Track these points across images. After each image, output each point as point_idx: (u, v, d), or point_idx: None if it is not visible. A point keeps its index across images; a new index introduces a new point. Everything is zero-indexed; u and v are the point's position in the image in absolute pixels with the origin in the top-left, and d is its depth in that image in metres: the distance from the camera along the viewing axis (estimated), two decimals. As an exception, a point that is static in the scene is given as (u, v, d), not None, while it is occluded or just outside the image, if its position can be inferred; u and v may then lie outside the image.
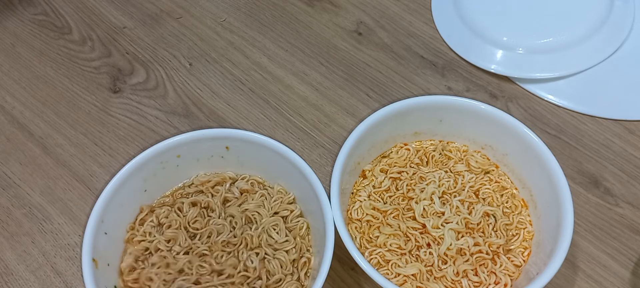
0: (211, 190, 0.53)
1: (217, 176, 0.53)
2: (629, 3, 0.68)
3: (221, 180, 0.53)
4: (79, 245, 0.55)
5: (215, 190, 0.53)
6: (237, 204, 0.52)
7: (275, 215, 0.51)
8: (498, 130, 0.53)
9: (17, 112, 0.64)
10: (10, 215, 0.56)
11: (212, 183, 0.53)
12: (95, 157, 0.60)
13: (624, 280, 0.52)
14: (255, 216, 0.51)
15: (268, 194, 0.52)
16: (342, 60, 0.68)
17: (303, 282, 0.47)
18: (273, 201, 0.52)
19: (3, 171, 0.59)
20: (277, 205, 0.51)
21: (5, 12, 0.73)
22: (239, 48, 0.69)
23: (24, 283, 0.53)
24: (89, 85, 0.66)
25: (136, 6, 0.73)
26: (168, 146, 0.51)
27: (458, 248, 0.49)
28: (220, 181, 0.53)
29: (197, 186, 0.53)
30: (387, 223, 0.51)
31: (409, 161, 0.55)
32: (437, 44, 0.69)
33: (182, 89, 0.66)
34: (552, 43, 0.65)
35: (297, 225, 0.50)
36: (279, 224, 0.50)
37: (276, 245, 0.49)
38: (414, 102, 0.53)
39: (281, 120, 0.63)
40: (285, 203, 0.52)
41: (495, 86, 0.65)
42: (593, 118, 0.62)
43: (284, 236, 0.50)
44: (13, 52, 0.69)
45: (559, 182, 0.48)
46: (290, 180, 0.51)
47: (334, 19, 0.72)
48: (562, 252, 0.44)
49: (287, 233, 0.50)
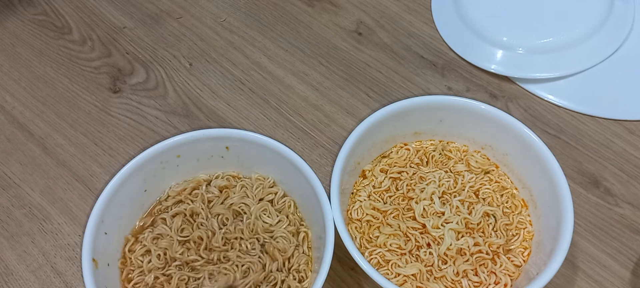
0: (189, 196, 0.52)
1: (192, 182, 0.53)
2: (629, 3, 0.68)
3: (196, 184, 0.53)
4: (79, 245, 0.55)
5: (194, 195, 0.52)
6: (219, 202, 0.52)
7: (260, 202, 0.51)
8: (498, 130, 0.53)
9: (17, 112, 0.64)
10: (10, 215, 0.56)
11: (188, 190, 0.52)
12: (95, 157, 0.60)
13: (624, 280, 0.52)
14: (243, 207, 0.51)
15: (248, 184, 0.52)
16: (342, 60, 0.68)
17: (308, 254, 0.49)
18: (255, 189, 0.52)
19: (3, 171, 0.59)
20: (260, 192, 0.52)
21: (5, 12, 0.73)
22: (239, 48, 0.69)
23: (24, 283, 0.53)
24: (89, 85, 0.66)
25: (136, 6, 0.73)
26: (168, 146, 0.51)
27: (458, 248, 0.49)
28: (196, 185, 0.53)
29: (174, 197, 0.52)
30: (387, 223, 0.51)
31: (409, 161, 0.55)
32: (437, 44, 0.69)
33: (182, 89, 0.66)
34: (552, 43, 0.65)
35: (285, 205, 0.51)
36: (267, 208, 0.51)
37: (272, 227, 0.50)
38: (414, 102, 0.53)
39: (281, 120, 0.63)
40: (267, 188, 0.52)
41: (495, 86, 0.65)
42: (593, 118, 0.62)
43: (276, 217, 0.50)
44: (13, 52, 0.69)
45: (559, 182, 0.48)
46: (291, 180, 0.51)
47: (334, 19, 0.72)
48: (562, 252, 0.44)
49: (278, 214, 0.51)
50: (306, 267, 0.48)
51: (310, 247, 0.49)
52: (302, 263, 0.48)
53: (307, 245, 0.49)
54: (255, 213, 0.51)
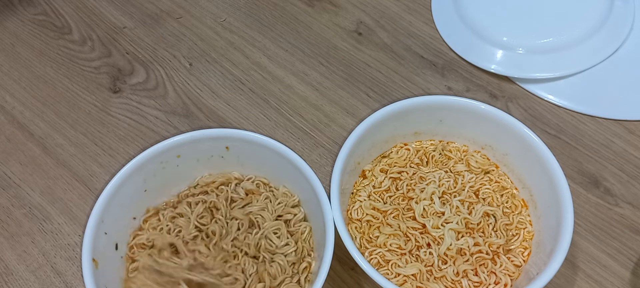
0: (216, 190, 0.53)
1: (222, 176, 0.53)
2: (629, 3, 0.69)
3: (226, 180, 0.53)
4: (79, 245, 0.55)
5: (220, 189, 0.53)
6: (241, 206, 0.51)
7: (278, 218, 0.51)
8: (498, 130, 0.53)
9: (17, 112, 0.64)
10: (10, 215, 0.56)
11: (217, 183, 0.53)
12: (95, 157, 0.60)
13: (624, 280, 0.52)
14: (258, 219, 0.50)
15: (273, 196, 0.52)
16: (342, 60, 0.68)
17: (303, 285, 0.47)
18: (277, 204, 0.51)
19: (3, 171, 0.59)
20: (281, 208, 0.51)
21: (5, 12, 0.73)
22: (239, 48, 0.69)
23: (24, 283, 0.53)
24: (89, 85, 0.66)
25: (136, 6, 0.73)
26: (168, 146, 0.51)
27: (458, 248, 0.49)
28: (225, 181, 0.53)
29: (202, 187, 0.53)
30: (387, 223, 0.51)
31: (409, 161, 0.55)
32: (437, 44, 0.69)
33: (182, 89, 0.66)
34: (552, 43, 0.65)
35: (299, 229, 0.50)
36: (281, 229, 0.50)
37: (275, 249, 0.49)
38: (414, 102, 0.53)
39: (281, 120, 0.63)
40: (289, 207, 0.51)
41: (495, 86, 0.65)
42: (593, 118, 0.62)
43: (285, 240, 0.49)
44: (13, 52, 0.69)
45: (559, 182, 0.48)
46: (290, 180, 0.51)
47: (334, 19, 0.72)
48: (562, 252, 0.44)
49: (288, 237, 0.50)
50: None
51: (308, 280, 0.48)
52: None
53: (305, 276, 0.48)
54: (266, 230, 0.50)
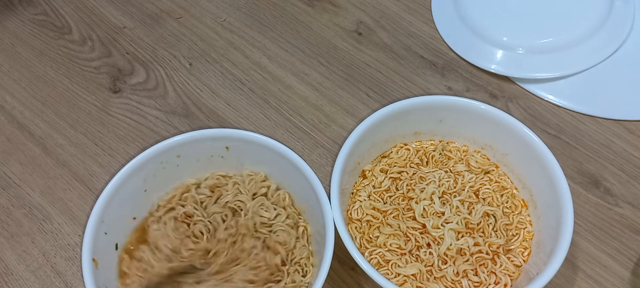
0: (180, 202, 0.51)
1: (179, 187, 0.52)
2: (629, 3, 0.69)
3: (185, 189, 0.52)
4: (79, 245, 0.55)
5: (184, 199, 0.51)
6: (213, 202, 0.51)
7: (255, 197, 0.51)
8: (498, 130, 0.53)
9: (17, 112, 0.64)
10: (10, 215, 0.56)
11: (177, 196, 0.52)
12: (95, 157, 0.60)
13: (624, 280, 0.52)
14: (239, 204, 0.51)
15: (239, 181, 0.52)
16: (342, 60, 0.68)
17: (308, 247, 0.49)
18: (248, 185, 0.52)
19: (3, 171, 0.59)
20: (253, 187, 0.52)
21: (5, 12, 0.73)
22: (239, 48, 0.69)
23: (24, 283, 0.53)
24: (89, 85, 0.66)
25: (136, 6, 0.73)
26: (168, 146, 0.51)
27: (458, 248, 0.49)
28: (185, 190, 0.52)
29: (165, 206, 0.51)
30: (387, 223, 0.51)
31: (409, 161, 0.55)
32: (437, 44, 0.69)
33: (182, 89, 0.66)
34: (552, 43, 0.65)
35: (280, 198, 0.51)
36: (264, 203, 0.51)
37: (270, 222, 0.50)
38: (414, 102, 0.53)
39: (281, 120, 0.63)
40: (260, 182, 0.52)
41: (495, 86, 0.65)
42: (593, 118, 0.62)
43: (274, 211, 0.50)
44: (13, 52, 0.69)
45: (559, 182, 0.48)
46: (290, 180, 0.51)
47: (334, 19, 0.72)
48: (562, 252, 0.44)
49: (275, 207, 0.50)
50: (307, 261, 0.48)
51: (309, 241, 0.49)
52: (304, 256, 0.48)
53: (306, 239, 0.49)
54: (253, 209, 0.50)
